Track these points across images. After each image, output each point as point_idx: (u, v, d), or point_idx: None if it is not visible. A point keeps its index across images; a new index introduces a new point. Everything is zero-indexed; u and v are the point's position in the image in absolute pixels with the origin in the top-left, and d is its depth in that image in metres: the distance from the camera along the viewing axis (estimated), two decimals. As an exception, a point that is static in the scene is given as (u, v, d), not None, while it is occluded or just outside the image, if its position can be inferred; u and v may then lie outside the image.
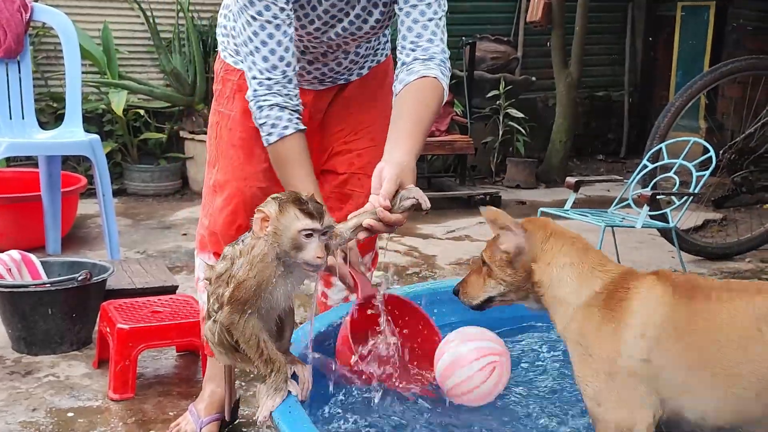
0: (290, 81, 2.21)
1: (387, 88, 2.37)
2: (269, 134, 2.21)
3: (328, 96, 2.52)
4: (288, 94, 2.21)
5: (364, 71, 2.53)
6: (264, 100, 2.20)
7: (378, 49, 2.54)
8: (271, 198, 1.82)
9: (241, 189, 2.44)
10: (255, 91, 2.21)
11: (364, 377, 2.04)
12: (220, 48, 2.56)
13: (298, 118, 2.22)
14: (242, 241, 1.83)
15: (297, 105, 2.23)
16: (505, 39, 7.96)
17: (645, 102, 8.87)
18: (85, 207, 5.65)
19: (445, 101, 2.29)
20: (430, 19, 2.21)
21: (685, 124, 7.24)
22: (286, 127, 2.19)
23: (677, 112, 4.75)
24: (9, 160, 6.12)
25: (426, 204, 1.98)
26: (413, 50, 2.21)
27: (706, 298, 1.76)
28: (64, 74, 4.82)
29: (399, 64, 2.24)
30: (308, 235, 1.76)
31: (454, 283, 2.10)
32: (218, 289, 1.82)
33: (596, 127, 8.77)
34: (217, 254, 2.44)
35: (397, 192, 1.96)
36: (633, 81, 8.89)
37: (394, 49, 2.42)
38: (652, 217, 4.54)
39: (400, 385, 2.08)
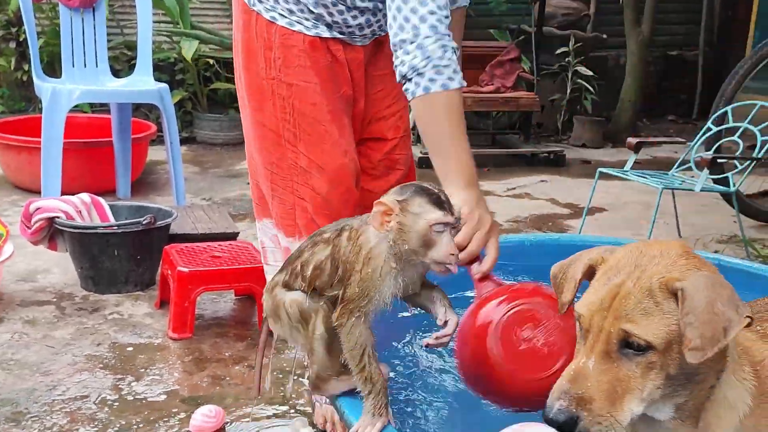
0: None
1: None
2: (451, 79, 1.97)
3: (371, 52, 2.44)
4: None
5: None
6: (448, 41, 1.98)
7: None
8: (395, 189, 1.65)
9: (346, 164, 2.30)
10: (435, 28, 1.96)
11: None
12: (262, 10, 2.28)
13: None
14: (357, 220, 1.68)
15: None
16: (577, -5, 7.86)
17: (720, 62, 8.65)
18: (155, 153, 5.83)
19: (512, 57, 2.29)
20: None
21: (761, 86, 7.07)
22: (462, 79, 2.01)
23: (745, 74, 4.67)
24: (92, 106, 6.33)
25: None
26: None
27: None
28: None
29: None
30: (440, 230, 1.59)
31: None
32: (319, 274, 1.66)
33: (668, 87, 8.61)
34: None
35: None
36: (709, 40, 8.68)
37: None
38: (714, 181, 4.49)
39: None
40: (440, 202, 1.59)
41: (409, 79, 2.01)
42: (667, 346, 1.32)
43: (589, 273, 1.44)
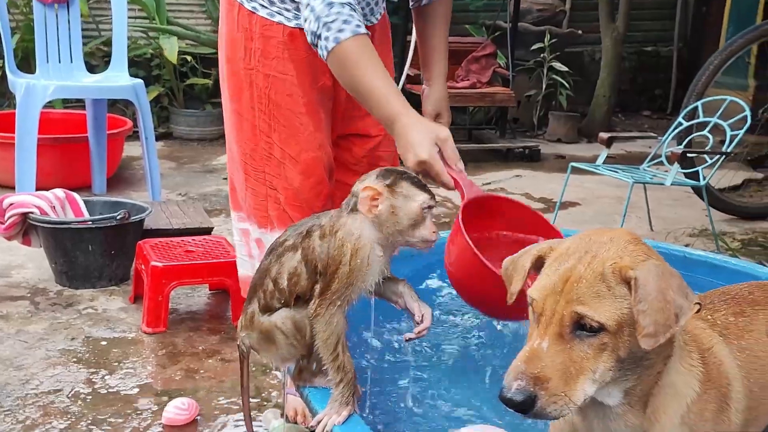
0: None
1: (389, 44, 2.47)
2: (341, 31, 2.00)
3: None
4: (356, 3, 2.08)
5: (381, 11, 2.45)
6: None
7: None
8: (375, 174, 1.71)
9: (320, 157, 2.31)
10: None
11: None
12: (244, 0, 2.32)
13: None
14: (325, 217, 1.72)
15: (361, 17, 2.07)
16: (553, -9, 7.91)
17: (694, 57, 8.72)
18: (131, 149, 5.82)
19: (488, 52, 2.36)
20: None
21: (732, 81, 7.16)
22: (359, 26, 2.02)
23: (716, 70, 4.73)
24: (64, 102, 6.31)
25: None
26: None
27: None
28: (112, 19, 4.96)
29: None
30: (427, 211, 1.68)
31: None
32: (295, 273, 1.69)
33: (643, 82, 8.69)
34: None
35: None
36: (683, 36, 8.76)
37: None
38: (685, 175, 4.55)
39: None
40: (423, 185, 1.69)
41: (315, 45, 2.07)
42: (619, 328, 1.34)
43: (539, 264, 1.48)
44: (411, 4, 2.48)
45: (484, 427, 1.82)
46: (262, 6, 2.28)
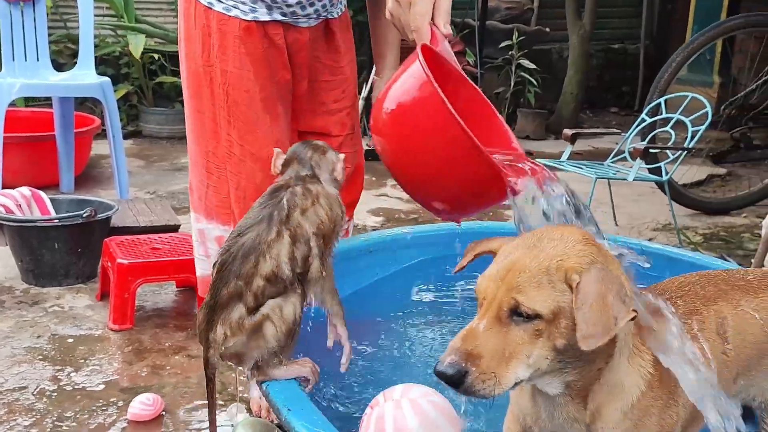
0: None
1: (351, 42, 2.50)
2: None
3: (318, 36, 2.44)
4: None
5: (342, 6, 2.48)
6: None
7: None
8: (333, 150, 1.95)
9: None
10: None
11: None
12: None
13: None
14: (294, 208, 1.78)
15: None
16: (521, -11, 7.98)
17: (661, 54, 8.83)
18: (101, 148, 5.80)
19: (456, 51, 2.38)
20: None
21: (697, 78, 7.27)
22: None
23: (678, 66, 4.80)
24: (28, 100, 6.28)
25: None
26: None
27: None
28: (78, 17, 4.95)
29: None
30: None
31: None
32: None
33: (610, 79, 8.79)
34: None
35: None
36: (649, 33, 8.87)
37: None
38: (649, 170, 4.62)
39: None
40: None
41: None
42: (554, 318, 1.39)
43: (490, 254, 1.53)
44: None
45: (410, 386, 1.86)
46: (218, 0, 2.28)
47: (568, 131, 4.73)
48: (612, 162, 4.70)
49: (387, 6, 1.90)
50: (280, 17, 2.31)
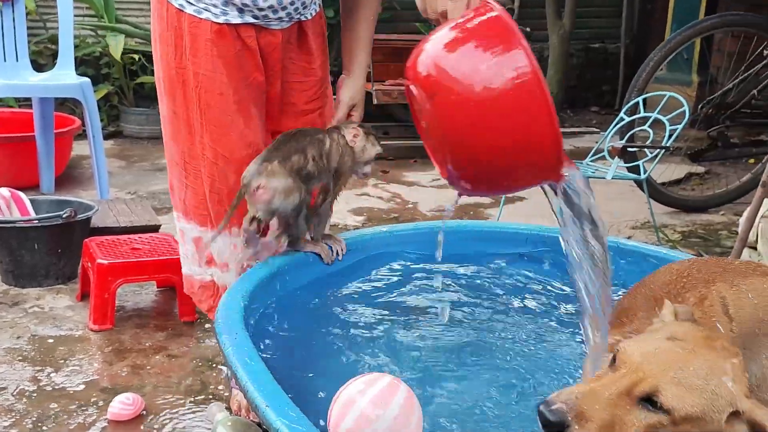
0: None
1: (325, 44, 2.52)
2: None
3: (291, 38, 2.44)
4: None
5: (315, 8, 2.48)
6: None
7: None
8: (360, 124, 2.43)
9: (250, 155, 2.31)
10: None
11: None
12: None
13: None
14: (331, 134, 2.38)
15: None
16: (501, -11, 8.01)
17: (641, 54, 8.86)
18: (82, 148, 5.78)
19: None
20: None
21: (676, 77, 7.33)
22: None
23: (655, 66, 4.84)
24: (19, 100, 6.24)
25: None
26: None
27: None
28: (58, 17, 4.93)
29: None
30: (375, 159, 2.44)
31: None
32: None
33: (591, 78, 8.82)
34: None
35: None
36: (629, 32, 8.91)
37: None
38: (628, 169, 4.66)
39: None
40: (379, 142, 2.44)
41: None
42: (682, 421, 1.35)
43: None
44: None
45: (376, 376, 1.86)
46: (189, 3, 2.28)
47: (546, 130, 4.74)
48: (591, 161, 4.73)
49: None
50: (252, 20, 2.31)
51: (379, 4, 2.57)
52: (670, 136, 4.48)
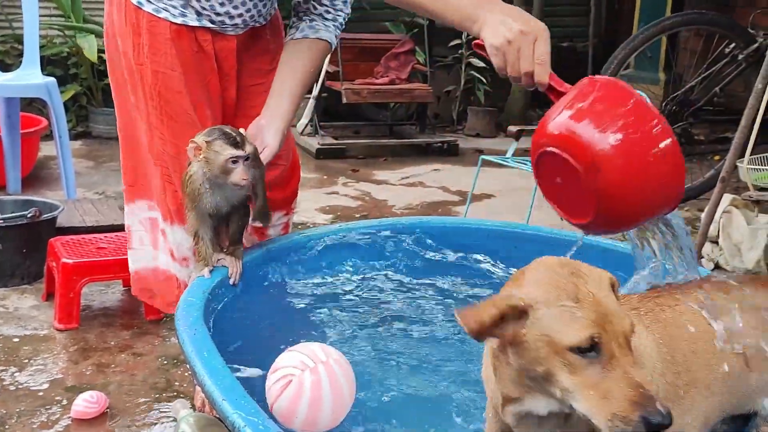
0: None
1: (282, 44, 2.48)
2: None
3: (247, 41, 2.44)
4: None
5: (271, 11, 2.48)
6: None
7: None
8: (205, 132, 2.13)
9: None
10: None
11: None
12: None
13: None
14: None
15: None
16: (470, -12, 8.05)
17: (609, 52, 8.85)
18: (50, 149, 5.74)
19: (407, 49, 2.41)
20: None
21: (644, 75, 7.41)
22: None
23: (619, 64, 4.91)
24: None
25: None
26: (324, 3, 2.37)
27: None
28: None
29: (304, 6, 2.39)
30: (234, 162, 2.09)
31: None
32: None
33: (560, 76, 8.81)
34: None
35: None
36: (597, 31, 8.98)
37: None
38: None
39: None
40: (236, 143, 2.09)
41: None
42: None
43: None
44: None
45: (307, 345, 1.94)
46: (148, 1, 2.28)
47: (512, 128, 4.80)
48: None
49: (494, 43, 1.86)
50: (208, 24, 2.32)
51: (316, 61, 2.45)
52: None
